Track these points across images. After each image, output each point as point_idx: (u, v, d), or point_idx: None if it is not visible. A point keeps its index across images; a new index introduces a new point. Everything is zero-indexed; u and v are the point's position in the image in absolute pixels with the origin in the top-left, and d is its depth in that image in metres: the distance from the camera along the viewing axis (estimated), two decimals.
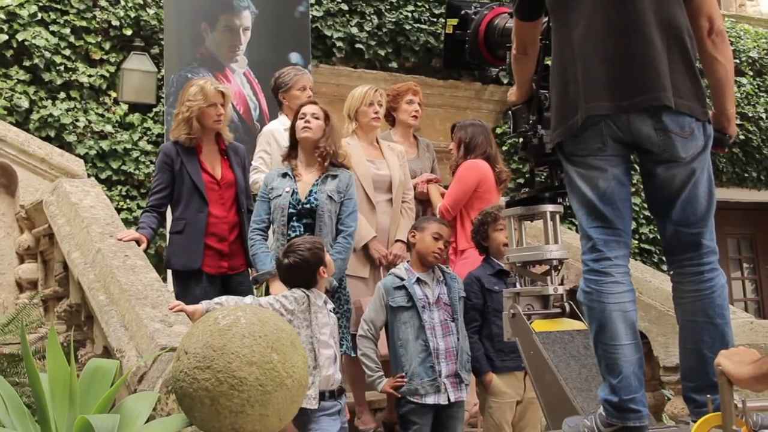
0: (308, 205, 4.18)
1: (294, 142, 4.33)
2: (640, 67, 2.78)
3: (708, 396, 2.42)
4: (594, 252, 2.86)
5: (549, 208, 3.43)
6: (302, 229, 4.16)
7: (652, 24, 2.80)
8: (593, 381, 3.10)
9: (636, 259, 8.59)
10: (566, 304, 3.43)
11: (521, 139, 3.43)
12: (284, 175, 4.26)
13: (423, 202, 5.08)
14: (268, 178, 4.31)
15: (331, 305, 3.85)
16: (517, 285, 3.49)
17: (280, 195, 4.19)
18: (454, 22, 3.81)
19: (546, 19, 3.17)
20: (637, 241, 9.48)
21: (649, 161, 2.88)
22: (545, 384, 3.16)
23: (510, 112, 3.50)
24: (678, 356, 2.98)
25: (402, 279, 4.10)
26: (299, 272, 3.69)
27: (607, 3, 2.83)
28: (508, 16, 3.64)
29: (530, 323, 3.30)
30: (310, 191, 4.19)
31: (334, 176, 4.25)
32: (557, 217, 3.46)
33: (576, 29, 2.87)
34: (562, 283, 3.43)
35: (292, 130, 4.33)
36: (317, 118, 4.25)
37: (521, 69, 3.31)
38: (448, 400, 3.99)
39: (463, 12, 3.78)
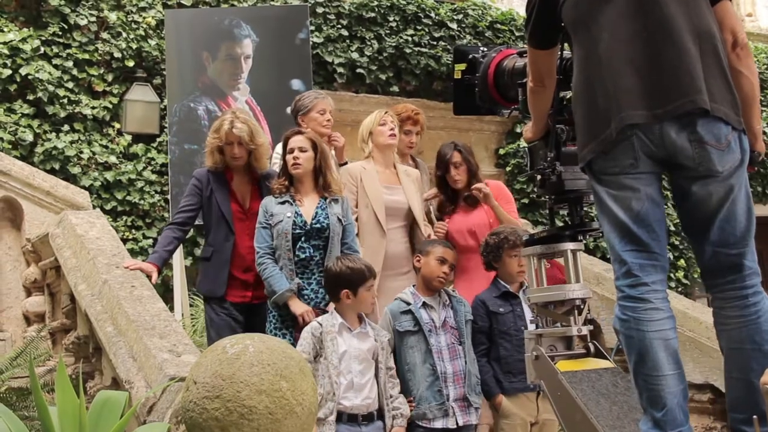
0: (318, 225, 4.21)
1: (287, 173, 4.36)
2: (673, 72, 2.67)
3: (754, 417, 2.32)
4: (629, 277, 2.72)
5: (570, 246, 3.33)
6: (311, 251, 4.20)
7: (683, 29, 2.69)
8: (625, 418, 2.99)
9: None
10: (590, 344, 3.31)
11: (539, 177, 3.32)
12: (283, 202, 4.26)
13: None
14: (267, 205, 4.31)
15: (363, 329, 3.89)
16: (539, 326, 3.37)
17: (281, 221, 4.20)
18: (462, 67, 3.74)
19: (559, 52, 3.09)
20: None
21: (683, 178, 2.75)
22: (575, 424, 3.02)
23: (526, 149, 3.39)
24: (692, 373, 2.91)
25: (408, 303, 4.10)
26: (330, 281, 3.96)
27: (633, 12, 2.73)
28: (517, 56, 3.55)
29: (554, 364, 3.18)
30: (316, 213, 4.23)
31: (336, 200, 4.34)
32: (578, 255, 3.36)
33: (601, 43, 2.77)
34: (585, 324, 3.31)
35: (285, 162, 4.35)
36: (304, 151, 4.29)
37: (538, 103, 3.18)
38: (457, 424, 3.97)
39: (470, 56, 3.71)
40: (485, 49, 3.70)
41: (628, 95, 2.68)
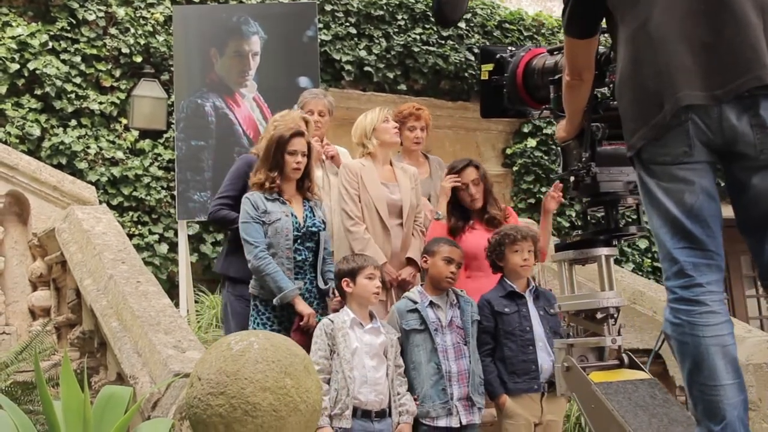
0: (314, 228, 4.21)
1: (279, 168, 4.25)
2: (734, 48, 2.45)
3: None
4: (682, 277, 2.51)
5: (604, 251, 3.19)
6: (306, 252, 4.20)
7: (744, 0, 2.47)
8: (666, 431, 2.85)
9: (649, 278, 8.55)
10: (624, 355, 3.18)
11: (572, 178, 3.15)
12: (273, 200, 4.21)
13: None
14: (256, 200, 4.19)
15: (374, 325, 3.90)
16: (570, 335, 3.23)
17: (278, 219, 4.14)
18: (489, 67, 3.54)
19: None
20: (650, 260, 9.44)
21: (740, 169, 2.52)
22: None
23: (559, 149, 3.24)
24: None
25: (415, 302, 4.09)
26: (336, 279, 4.04)
27: None
28: (547, 54, 3.40)
29: (587, 375, 3.05)
30: (306, 215, 4.24)
31: (315, 203, 4.36)
32: (612, 261, 3.23)
33: (651, 21, 2.55)
34: (619, 333, 3.16)
35: (282, 158, 4.22)
36: (305, 155, 4.28)
37: (575, 98, 2.99)
38: (460, 423, 3.96)
39: (498, 56, 3.55)
40: (513, 48, 3.56)
41: (684, 75, 2.47)
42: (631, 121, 2.62)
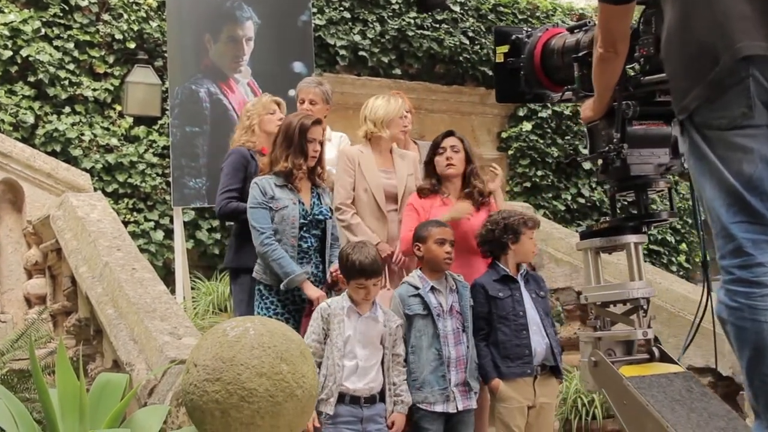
0: (321, 216, 4.20)
1: (304, 155, 4.21)
2: None
3: None
4: (740, 255, 2.26)
5: (632, 239, 3.05)
6: (312, 240, 4.19)
7: None
8: (707, 426, 2.68)
9: (645, 261, 8.55)
10: (655, 348, 3.03)
11: (600, 161, 3.01)
12: (282, 185, 4.19)
13: None
14: (265, 186, 4.17)
15: (373, 313, 3.86)
16: (598, 328, 3.13)
17: (286, 206, 4.13)
18: (504, 49, 3.39)
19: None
20: (647, 243, 9.44)
21: None
22: None
23: (586, 129, 3.10)
24: (694, 357, 2.76)
25: (417, 287, 4.08)
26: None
27: None
28: (567, 33, 3.24)
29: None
30: (313, 203, 4.23)
31: (323, 189, 4.35)
32: (641, 249, 3.09)
33: None
34: (650, 326, 3.02)
35: (306, 145, 4.19)
36: (320, 143, 4.27)
37: (607, 73, 2.82)
38: (457, 408, 3.97)
39: (513, 37, 3.39)
40: (529, 29, 3.41)
41: (743, 24, 2.23)
42: (681, 80, 2.40)
